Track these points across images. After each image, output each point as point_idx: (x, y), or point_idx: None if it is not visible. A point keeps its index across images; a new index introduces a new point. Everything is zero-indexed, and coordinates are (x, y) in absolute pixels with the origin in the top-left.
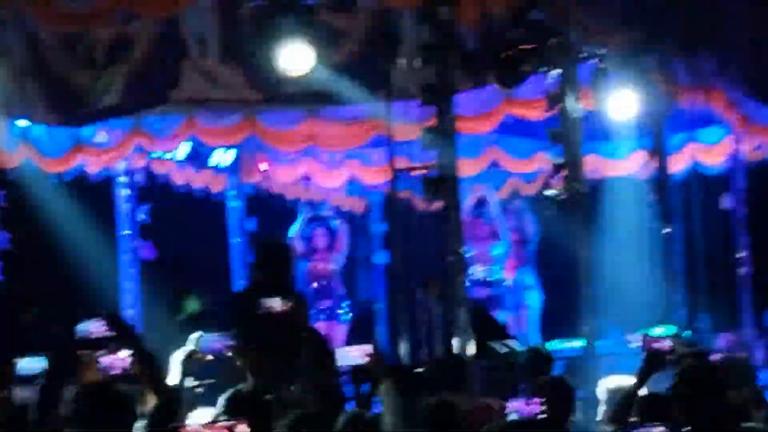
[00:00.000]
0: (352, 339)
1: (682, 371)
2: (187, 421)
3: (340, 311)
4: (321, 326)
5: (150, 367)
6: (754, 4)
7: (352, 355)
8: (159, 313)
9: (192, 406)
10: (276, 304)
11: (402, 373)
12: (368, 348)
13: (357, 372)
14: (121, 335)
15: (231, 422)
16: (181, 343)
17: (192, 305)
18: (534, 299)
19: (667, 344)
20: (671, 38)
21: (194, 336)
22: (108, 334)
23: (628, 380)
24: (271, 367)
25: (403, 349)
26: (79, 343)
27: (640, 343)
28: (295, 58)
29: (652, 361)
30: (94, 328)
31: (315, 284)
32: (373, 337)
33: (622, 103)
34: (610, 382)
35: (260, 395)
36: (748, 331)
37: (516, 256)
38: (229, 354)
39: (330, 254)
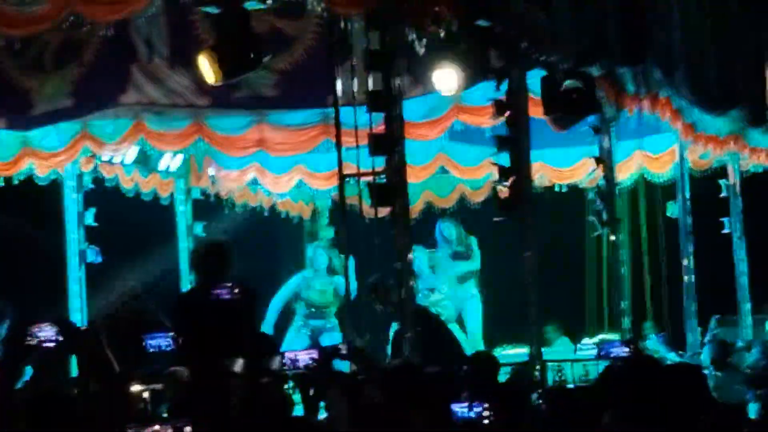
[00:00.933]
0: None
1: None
2: None
3: None
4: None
5: (100, 370)
6: (699, 15)
7: (298, 360)
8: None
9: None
10: (224, 291)
11: (348, 380)
12: (314, 353)
13: (303, 377)
14: (71, 339)
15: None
16: None
17: None
18: (475, 306)
19: (624, 350)
20: (618, 47)
21: None
22: (59, 339)
23: None
24: (213, 365)
25: None
26: (29, 348)
27: (593, 350)
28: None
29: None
30: (44, 333)
31: None
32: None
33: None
34: None
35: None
36: (693, 337)
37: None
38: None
39: None
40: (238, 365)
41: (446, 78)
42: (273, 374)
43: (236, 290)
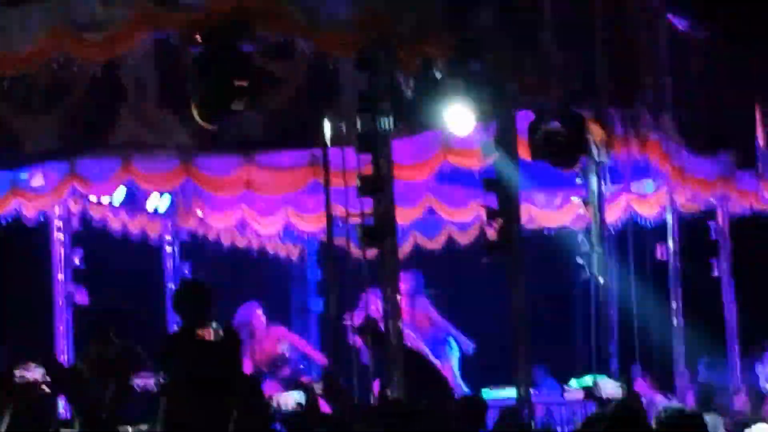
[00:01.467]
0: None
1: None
2: None
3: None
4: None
5: (87, 411)
6: (688, 57)
7: (286, 402)
8: None
9: None
10: (208, 333)
11: (335, 420)
12: (300, 395)
13: (291, 418)
14: (58, 380)
15: None
16: None
17: None
18: (456, 347)
19: (618, 392)
20: (607, 89)
21: None
22: (45, 378)
23: None
24: (200, 408)
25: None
26: (17, 387)
27: (579, 394)
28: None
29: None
30: (31, 372)
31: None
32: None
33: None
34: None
35: None
36: (681, 380)
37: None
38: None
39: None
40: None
41: (460, 117)
42: (260, 416)
43: (221, 332)
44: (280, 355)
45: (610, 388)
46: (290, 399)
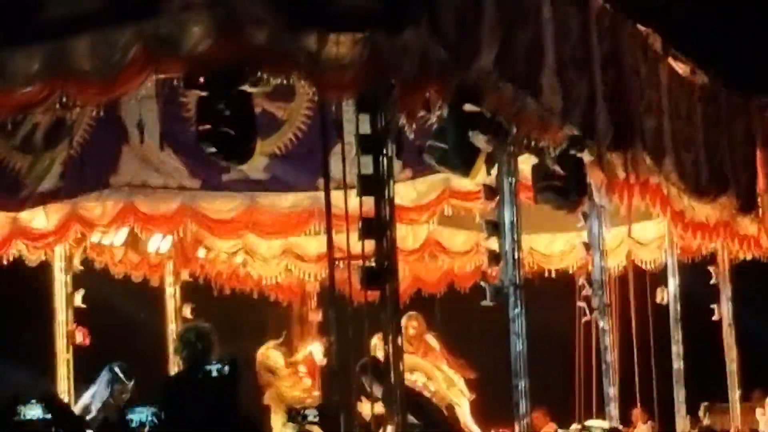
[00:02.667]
0: None
1: None
2: None
3: None
4: None
5: None
6: (688, 101)
7: None
8: None
9: None
10: (215, 368)
11: None
12: None
13: None
14: (59, 419)
15: None
16: None
17: None
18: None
19: None
20: (608, 132)
21: None
22: (46, 417)
23: None
24: None
25: None
26: (18, 426)
27: None
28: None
29: None
30: (32, 411)
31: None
32: None
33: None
34: None
35: None
36: (682, 424)
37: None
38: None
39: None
40: None
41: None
42: None
43: (225, 368)
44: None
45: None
46: None
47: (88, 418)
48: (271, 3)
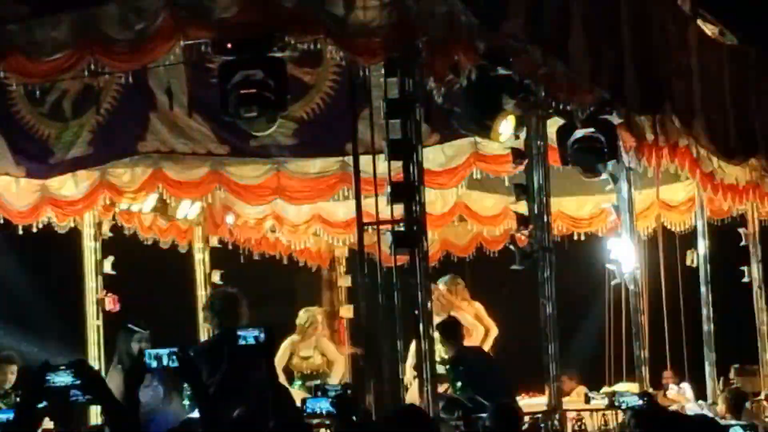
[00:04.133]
0: None
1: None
2: None
3: None
4: None
5: (118, 417)
6: (717, 63)
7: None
8: None
9: None
10: (251, 335)
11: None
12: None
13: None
14: (89, 384)
15: None
16: None
17: None
18: None
19: (638, 402)
20: (636, 95)
21: None
22: (76, 382)
23: None
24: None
25: (369, 401)
26: (47, 392)
27: (604, 401)
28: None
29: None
30: (61, 377)
31: None
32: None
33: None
34: None
35: None
36: (712, 386)
37: None
38: None
39: None
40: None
41: (506, 126)
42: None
43: (261, 335)
44: None
45: (629, 396)
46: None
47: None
48: None
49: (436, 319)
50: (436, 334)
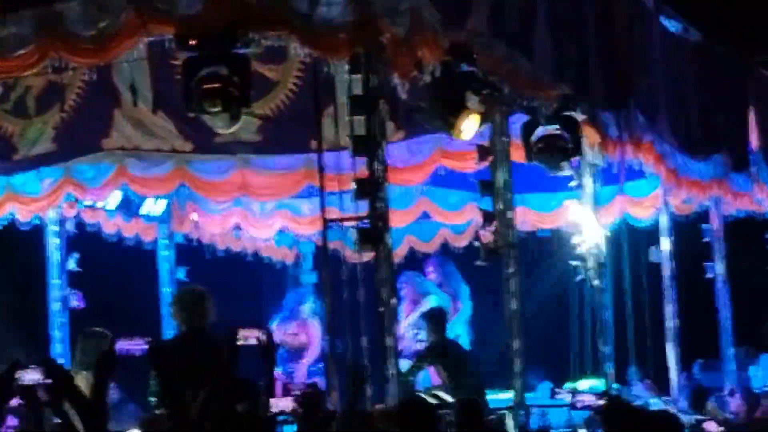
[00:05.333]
0: None
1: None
2: None
3: None
4: None
5: (88, 414)
6: (681, 59)
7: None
8: None
9: None
10: (253, 337)
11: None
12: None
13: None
14: (58, 384)
15: None
16: None
17: None
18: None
19: (597, 402)
20: (600, 91)
21: None
22: (45, 382)
23: None
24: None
25: (334, 398)
26: (16, 391)
27: (567, 397)
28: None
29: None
30: (30, 375)
31: None
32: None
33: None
34: None
35: None
36: (676, 382)
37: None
38: None
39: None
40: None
41: (470, 123)
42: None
43: (263, 336)
44: None
45: (588, 395)
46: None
47: None
48: None
49: None
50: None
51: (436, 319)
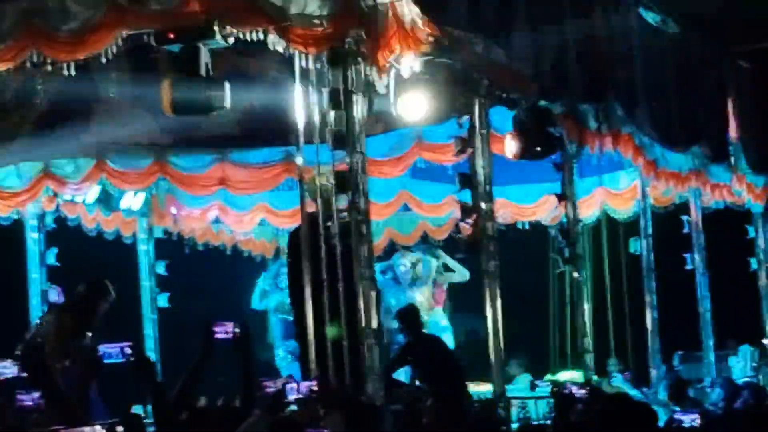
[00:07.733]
0: None
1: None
2: None
3: None
4: None
5: (61, 406)
6: (659, 52)
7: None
8: None
9: None
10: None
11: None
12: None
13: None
14: (35, 377)
15: None
16: None
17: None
18: (448, 341)
19: (577, 391)
20: (579, 84)
21: None
22: (21, 375)
23: None
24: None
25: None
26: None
27: (547, 388)
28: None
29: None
30: (8, 371)
31: None
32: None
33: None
34: None
35: None
36: (657, 373)
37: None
38: None
39: None
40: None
41: (413, 106)
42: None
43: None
44: None
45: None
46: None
47: None
48: None
49: None
50: None
51: (408, 316)
